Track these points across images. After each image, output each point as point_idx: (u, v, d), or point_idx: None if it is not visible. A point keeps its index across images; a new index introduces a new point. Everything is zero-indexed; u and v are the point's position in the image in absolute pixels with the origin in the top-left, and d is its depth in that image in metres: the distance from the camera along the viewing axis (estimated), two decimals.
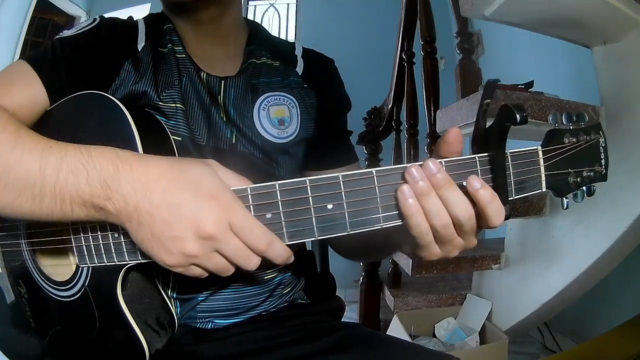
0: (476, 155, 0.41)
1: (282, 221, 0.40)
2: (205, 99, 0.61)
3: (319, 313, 0.68)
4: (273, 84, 0.66)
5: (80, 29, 0.60)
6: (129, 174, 0.38)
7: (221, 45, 0.66)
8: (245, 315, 0.63)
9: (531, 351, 1.93)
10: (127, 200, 0.38)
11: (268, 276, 0.64)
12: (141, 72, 0.59)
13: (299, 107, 0.66)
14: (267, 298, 0.64)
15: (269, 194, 0.40)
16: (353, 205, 0.39)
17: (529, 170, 0.43)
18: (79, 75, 0.56)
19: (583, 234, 1.27)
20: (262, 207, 0.40)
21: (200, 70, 0.62)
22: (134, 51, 0.61)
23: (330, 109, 0.70)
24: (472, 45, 1.91)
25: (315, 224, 0.40)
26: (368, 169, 0.40)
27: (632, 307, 1.44)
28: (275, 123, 0.63)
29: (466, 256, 1.55)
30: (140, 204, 0.37)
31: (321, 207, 0.39)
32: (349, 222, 0.40)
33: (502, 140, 0.40)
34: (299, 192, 0.39)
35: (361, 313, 1.90)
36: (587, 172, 0.44)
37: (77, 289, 0.52)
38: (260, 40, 0.69)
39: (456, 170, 0.40)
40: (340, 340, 0.60)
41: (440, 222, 0.39)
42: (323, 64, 0.74)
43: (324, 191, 0.39)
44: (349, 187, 0.39)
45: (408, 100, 1.81)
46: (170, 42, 0.63)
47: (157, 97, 0.58)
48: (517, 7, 1.12)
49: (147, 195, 0.37)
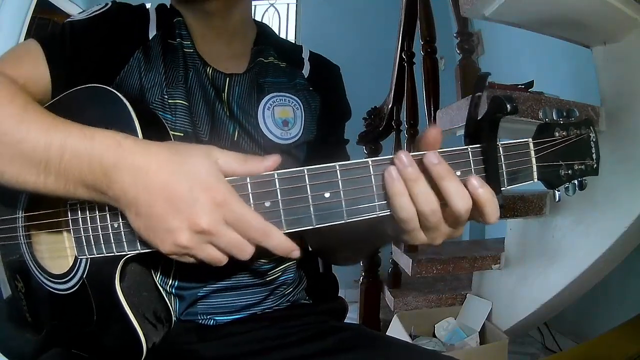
0: (468, 147, 0.42)
1: (280, 209, 0.41)
2: (211, 94, 0.61)
3: (321, 314, 0.68)
4: (279, 84, 0.66)
5: (91, 12, 0.60)
6: (130, 163, 0.38)
7: (229, 42, 0.66)
8: (246, 312, 0.63)
9: (531, 351, 1.93)
10: (127, 190, 0.39)
11: (270, 277, 0.64)
12: (151, 62, 0.59)
13: (303, 110, 0.66)
14: (268, 296, 0.64)
15: (268, 182, 0.41)
16: (349, 194, 0.40)
17: (521, 161, 0.43)
18: (87, 60, 0.56)
19: (583, 234, 1.27)
20: (261, 196, 0.41)
21: (207, 66, 0.62)
22: (144, 39, 0.61)
23: (331, 116, 0.70)
24: (472, 45, 1.90)
25: (312, 212, 0.41)
26: (364, 159, 0.41)
27: (632, 307, 1.44)
28: (279, 123, 0.63)
29: (466, 256, 1.56)
30: (139, 196, 0.38)
31: (319, 195, 0.40)
32: (345, 211, 0.41)
33: (493, 132, 0.41)
34: (297, 181, 0.40)
35: (361, 313, 1.90)
36: (578, 166, 0.45)
37: (75, 281, 0.52)
38: (268, 40, 0.69)
39: (448, 161, 0.41)
40: (342, 341, 0.60)
41: (428, 207, 0.39)
42: (329, 69, 0.74)
43: (321, 180, 0.40)
44: (346, 176, 0.40)
45: (408, 100, 1.81)
46: (180, 36, 0.62)
47: (163, 91, 0.58)
48: (517, 7, 1.12)
49: (147, 187, 0.38)
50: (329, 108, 0.69)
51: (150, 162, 0.39)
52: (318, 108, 0.68)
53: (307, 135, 0.66)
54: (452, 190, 0.39)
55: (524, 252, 1.52)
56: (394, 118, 2.02)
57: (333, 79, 0.74)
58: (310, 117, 0.67)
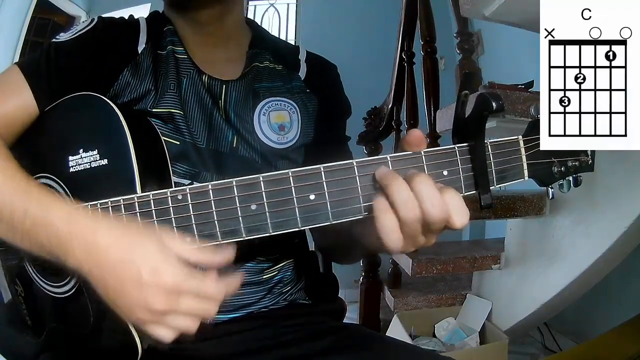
0: (456, 146, 0.42)
1: (266, 212, 0.41)
2: (207, 101, 0.61)
3: (320, 314, 0.68)
4: (275, 88, 0.65)
5: (77, 31, 0.58)
6: (82, 238, 0.40)
7: (223, 47, 0.65)
8: (243, 311, 0.63)
9: (531, 351, 1.93)
10: (81, 263, 0.40)
11: (267, 276, 0.64)
12: (140, 77, 0.59)
13: (300, 113, 0.66)
14: (265, 295, 0.64)
15: (254, 185, 0.41)
16: (334, 195, 0.41)
17: (510, 159, 0.43)
18: (73, 82, 0.55)
19: (583, 234, 1.27)
20: (247, 199, 0.41)
21: (202, 73, 0.62)
22: (134, 53, 0.60)
23: (330, 114, 0.70)
24: (472, 45, 1.90)
25: (298, 214, 0.41)
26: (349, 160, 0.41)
27: (632, 307, 1.44)
28: (275, 128, 0.63)
29: (466, 256, 1.56)
30: (93, 271, 0.40)
31: (304, 197, 0.41)
32: (331, 212, 0.41)
33: (480, 130, 0.41)
34: (282, 183, 0.41)
35: (361, 313, 1.90)
36: (572, 162, 0.44)
37: (72, 284, 0.52)
38: (264, 43, 0.69)
39: (435, 160, 0.41)
40: (340, 340, 0.60)
41: (414, 215, 0.38)
42: (326, 69, 0.74)
43: (307, 182, 0.41)
44: (331, 177, 0.41)
45: (408, 100, 1.81)
46: (171, 43, 0.62)
47: (155, 102, 0.58)
48: (517, 7, 1.12)
49: (98, 264, 0.40)
50: (327, 107, 0.69)
51: (99, 241, 0.40)
52: (315, 110, 0.68)
53: (305, 138, 0.66)
54: (424, 195, 0.38)
55: (524, 252, 1.52)
56: (394, 118, 2.02)
57: (330, 78, 0.73)
58: (307, 119, 0.66)
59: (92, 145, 0.49)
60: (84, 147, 0.49)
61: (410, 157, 0.41)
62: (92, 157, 0.49)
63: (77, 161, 0.49)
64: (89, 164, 0.49)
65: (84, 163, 0.49)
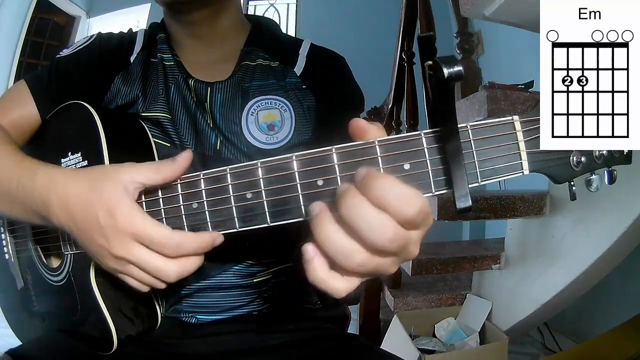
0: (421, 132, 0.33)
1: (205, 211, 0.39)
2: (192, 105, 0.61)
3: (317, 320, 0.67)
4: (266, 87, 0.63)
5: (76, 47, 0.64)
6: (56, 193, 0.42)
7: (217, 48, 0.65)
8: (230, 314, 0.62)
9: (531, 351, 1.93)
10: (59, 216, 0.42)
11: (258, 279, 0.62)
12: (130, 83, 0.62)
13: (293, 111, 0.63)
14: (255, 299, 0.63)
15: (195, 183, 0.39)
16: (272, 194, 0.36)
17: (502, 147, 0.34)
18: (70, 91, 0.60)
19: (583, 234, 1.27)
20: (189, 197, 0.40)
21: (189, 77, 0.62)
22: (126, 63, 0.63)
23: (333, 109, 0.66)
24: (472, 45, 1.91)
25: (235, 214, 0.38)
26: (289, 154, 0.36)
27: (632, 307, 1.44)
28: (264, 128, 0.61)
29: (466, 256, 1.56)
30: (68, 222, 0.42)
31: (241, 196, 0.38)
32: (268, 213, 0.37)
33: (447, 107, 0.31)
34: (219, 181, 0.38)
35: (361, 313, 1.90)
36: (599, 151, 0.33)
37: (64, 274, 0.56)
38: (261, 39, 0.67)
39: (394, 150, 0.33)
40: (329, 350, 0.59)
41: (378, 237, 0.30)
42: (329, 62, 0.70)
43: (243, 179, 0.37)
44: (268, 174, 0.36)
45: (408, 100, 1.81)
46: (160, 51, 0.63)
47: (144, 107, 0.60)
48: (517, 7, 1.12)
49: (70, 215, 0.41)
50: (329, 102, 0.65)
51: (69, 192, 0.41)
52: (312, 107, 0.64)
53: (300, 137, 0.62)
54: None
55: (524, 252, 1.52)
56: (394, 118, 2.03)
57: (332, 70, 0.69)
58: (302, 117, 0.63)
59: (77, 149, 0.54)
60: (72, 150, 0.54)
61: (360, 148, 0.34)
62: (77, 159, 0.53)
63: (67, 163, 0.54)
64: (75, 165, 0.53)
65: (72, 165, 0.54)
